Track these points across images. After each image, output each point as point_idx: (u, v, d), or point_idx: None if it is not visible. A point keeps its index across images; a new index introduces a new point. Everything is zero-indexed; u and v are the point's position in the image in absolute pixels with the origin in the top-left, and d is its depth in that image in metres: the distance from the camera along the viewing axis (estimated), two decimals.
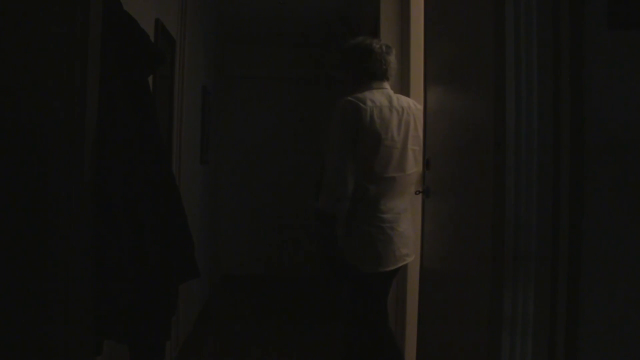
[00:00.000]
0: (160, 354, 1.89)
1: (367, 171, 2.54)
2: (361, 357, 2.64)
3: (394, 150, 2.56)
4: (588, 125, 1.45)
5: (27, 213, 1.47)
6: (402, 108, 2.61)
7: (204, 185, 4.94)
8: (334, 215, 2.48)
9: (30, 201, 1.48)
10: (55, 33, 1.50)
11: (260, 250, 6.68)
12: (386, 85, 2.67)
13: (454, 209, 2.07)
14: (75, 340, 1.50)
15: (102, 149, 1.62)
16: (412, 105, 2.68)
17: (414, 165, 2.62)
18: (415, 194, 2.57)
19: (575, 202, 1.45)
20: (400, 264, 2.64)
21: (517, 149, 1.52)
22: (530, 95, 1.51)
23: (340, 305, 4.94)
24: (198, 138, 4.50)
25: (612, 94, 1.45)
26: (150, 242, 1.77)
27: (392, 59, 2.69)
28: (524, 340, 1.50)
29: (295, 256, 6.66)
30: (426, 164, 2.41)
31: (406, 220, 2.62)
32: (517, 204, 1.51)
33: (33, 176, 1.48)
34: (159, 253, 1.81)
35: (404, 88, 3.29)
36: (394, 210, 2.59)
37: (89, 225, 1.56)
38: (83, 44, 1.50)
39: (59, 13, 1.50)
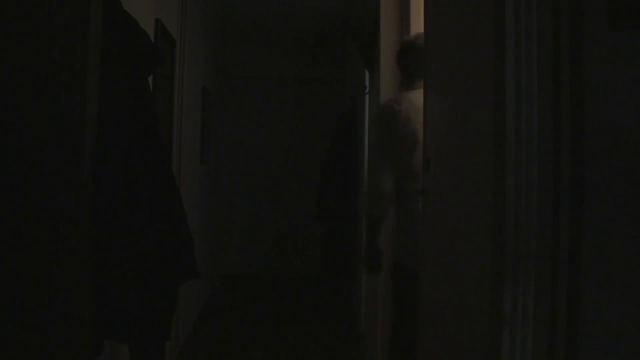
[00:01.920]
0: (160, 354, 1.89)
1: (408, 170, 2.58)
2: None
3: None
4: (588, 125, 1.45)
5: (27, 213, 1.47)
6: None
7: (203, 185, 4.94)
8: (378, 218, 2.56)
9: (30, 201, 1.48)
10: (56, 33, 1.49)
11: (260, 250, 6.68)
12: None
13: (453, 209, 2.07)
14: (75, 340, 1.50)
15: (101, 148, 1.62)
16: None
17: None
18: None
19: (575, 202, 1.45)
20: None
21: (517, 149, 1.52)
22: (530, 95, 1.51)
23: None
24: (198, 138, 4.50)
25: (612, 94, 1.45)
26: (150, 242, 1.77)
27: None
28: (524, 340, 1.50)
29: (294, 256, 6.66)
30: (426, 163, 2.40)
31: None
32: (517, 204, 1.51)
33: (33, 176, 1.48)
34: (159, 253, 1.81)
35: None
36: None
37: (89, 225, 1.56)
38: (83, 43, 1.50)
39: (59, 13, 1.50)
